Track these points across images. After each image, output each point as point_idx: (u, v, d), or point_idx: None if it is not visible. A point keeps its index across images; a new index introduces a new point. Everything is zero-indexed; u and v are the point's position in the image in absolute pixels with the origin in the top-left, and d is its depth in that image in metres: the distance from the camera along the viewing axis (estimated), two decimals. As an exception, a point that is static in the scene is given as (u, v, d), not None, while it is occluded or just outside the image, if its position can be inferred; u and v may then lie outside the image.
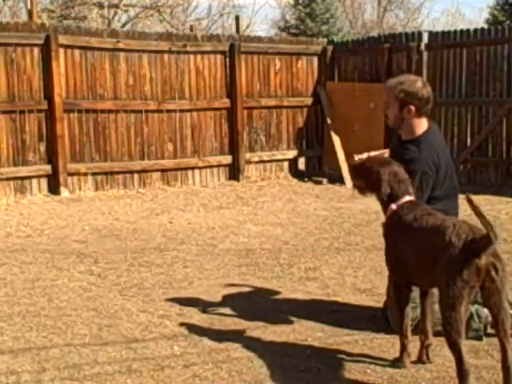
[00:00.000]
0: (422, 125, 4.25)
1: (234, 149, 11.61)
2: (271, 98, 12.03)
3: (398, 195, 3.81)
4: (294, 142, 12.36)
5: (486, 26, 14.03)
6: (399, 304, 3.86)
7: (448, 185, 4.38)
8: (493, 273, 3.23)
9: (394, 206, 3.80)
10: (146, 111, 10.87)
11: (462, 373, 3.24)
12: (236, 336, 4.35)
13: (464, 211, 8.46)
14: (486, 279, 3.23)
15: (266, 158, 12.02)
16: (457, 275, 3.23)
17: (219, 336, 4.33)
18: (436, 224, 3.53)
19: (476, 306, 4.11)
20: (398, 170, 3.88)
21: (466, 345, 3.37)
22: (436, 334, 3.87)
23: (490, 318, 3.99)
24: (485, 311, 4.07)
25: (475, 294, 3.32)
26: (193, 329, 4.50)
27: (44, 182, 10.02)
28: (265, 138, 12.06)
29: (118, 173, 10.61)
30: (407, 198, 3.81)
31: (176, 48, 11.06)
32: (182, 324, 4.60)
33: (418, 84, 4.22)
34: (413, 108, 4.16)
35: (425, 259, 3.51)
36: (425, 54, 11.40)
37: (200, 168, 11.38)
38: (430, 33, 11.89)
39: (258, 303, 5.04)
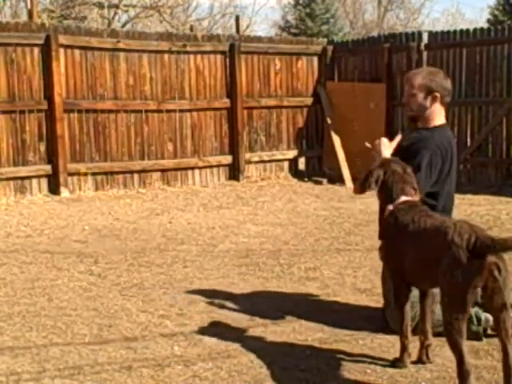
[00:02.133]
0: (441, 117, 4.37)
1: (234, 149, 11.61)
2: (271, 98, 12.03)
3: (394, 196, 3.81)
4: (294, 142, 12.36)
5: (486, 26, 14.04)
6: (399, 303, 3.86)
7: (448, 191, 4.36)
8: (496, 272, 3.22)
9: (390, 207, 3.80)
10: (146, 111, 10.87)
11: (462, 373, 3.23)
12: (236, 336, 4.34)
13: (464, 211, 8.49)
14: (489, 279, 3.22)
15: (266, 158, 12.02)
16: (460, 275, 3.22)
17: (219, 336, 4.33)
18: (435, 225, 3.52)
19: (475, 308, 4.10)
20: (396, 169, 3.87)
21: (466, 345, 3.37)
22: (436, 335, 3.87)
23: (490, 322, 4.00)
24: (485, 315, 4.07)
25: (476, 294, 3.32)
26: (193, 329, 4.50)
27: (44, 181, 10.03)
28: (265, 137, 12.06)
29: (117, 173, 10.61)
30: (403, 199, 3.81)
31: (176, 48, 11.06)
32: (181, 324, 4.60)
33: (442, 75, 4.43)
34: (438, 95, 4.29)
35: (425, 260, 3.50)
36: (425, 53, 11.41)
37: (200, 168, 11.38)
38: (430, 33, 11.90)
39: (257, 303, 5.04)
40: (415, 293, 3.93)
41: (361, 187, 3.97)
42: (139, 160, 10.83)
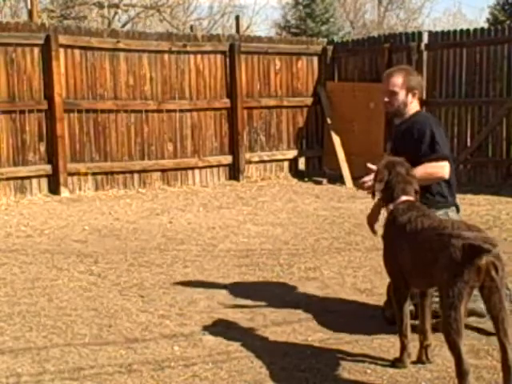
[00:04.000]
0: (416, 107, 4.66)
1: (234, 149, 11.61)
2: (271, 98, 12.03)
3: (394, 195, 3.83)
4: (294, 141, 12.36)
5: (486, 26, 14.04)
6: (398, 304, 3.86)
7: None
8: (493, 272, 3.23)
9: (391, 207, 3.82)
10: (146, 111, 10.87)
11: (461, 373, 3.24)
12: (236, 336, 4.35)
13: (464, 211, 8.49)
14: (486, 279, 3.23)
15: (266, 158, 12.02)
16: (457, 275, 3.23)
17: (219, 336, 4.33)
18: (433, 225, 3.53)
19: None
20: (399, 170, 3.90)
21: (465, 345, 3.37)
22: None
23: None
24: None
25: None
26: (193, 329, 4.50)
27: (44, 181, 10.03)
28: (265, 137, 12.06)
29: (118, 173, 10.61)
30: (403, 198, 3.83)
31: (176, 48, 11.06)
32: (181, 324, 4.60)
33: (416, 73, 4.84)
34: (417, 92, 4.60)
35: (423, 260, 3.51)
36: (425, 53, 11.41)
37: (200, 168, 11.38)
38: (430, 33, 11.90)
39: (257, 303, 5.04)
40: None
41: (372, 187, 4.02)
42: (139, 160, 10.83)
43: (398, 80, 4.53)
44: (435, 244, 3.39)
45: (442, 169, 4.31)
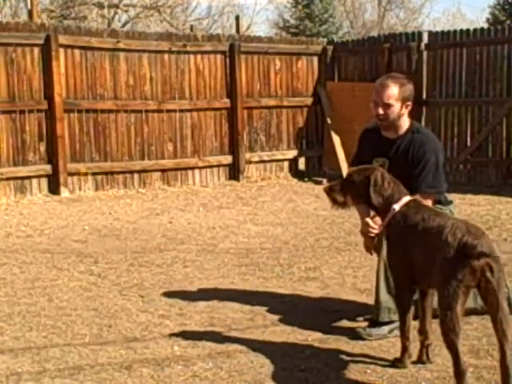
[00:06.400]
0: (407, 119, 4.45)
1: (234, 149, 11.61)
2: (271, 98, 12.03)
3: (395, 196, 3.81)
4: (294, 141, 12.36)
5: (486, 26, 14.04)
6: (401, 306, 3.85)
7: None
8: (488, 273, 3.21)
9: (396, 207, 3.79)
10: (146, 111, 10.87)
11: (458, 372, 3.24)
12: (236, 336, 4.35)
13: (464, 211, 8.49)
14: (482, 279, 3.22)
15: (266, 158, 12.01)
16: (452, 275, 3.23)
17: (219, 336, 4.33)
18: (438, 224, 3.52)
19: None
20: (386, 173, 3.91)
21: (465, 345, 3.37)
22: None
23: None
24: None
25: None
26: (193, 329, 4.50)
27: (44, 181, 10.02)
28: (265, 137, 12.06)
29: (118, 173, 10.61)
30: (408, 198, 3.81)
31: (176, 48, 11.06)
32: (181, 324, 4.60)
33: (411, 82, 4.50)
34: (410, 103, 4.38)
35: (428, 259, 3.50)
36: (425, 53, 11.41)
37: (200, 168, 11.38)
38: (430, 33, 11.91)
39: (258, 303, 5.04)
40: None
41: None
42: (139, 160, 10.83)
43: (394, 92, 4.25)
44: (435, 242, 3.39)
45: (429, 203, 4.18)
